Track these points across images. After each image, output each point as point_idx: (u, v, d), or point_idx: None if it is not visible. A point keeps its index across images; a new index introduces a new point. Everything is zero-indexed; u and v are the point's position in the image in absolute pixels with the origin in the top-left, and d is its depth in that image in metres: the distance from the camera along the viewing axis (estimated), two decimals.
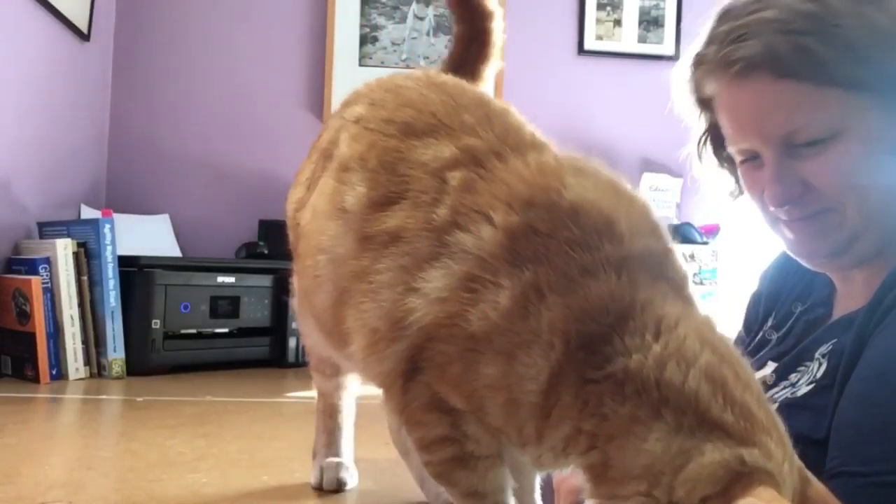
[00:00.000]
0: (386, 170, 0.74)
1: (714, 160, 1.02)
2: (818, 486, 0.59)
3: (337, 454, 1.03)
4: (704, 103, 0.96)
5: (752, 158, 0.90)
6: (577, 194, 0.64)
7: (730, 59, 0.86)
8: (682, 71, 0.96)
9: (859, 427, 0.76)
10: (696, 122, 1.01)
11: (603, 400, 0.58)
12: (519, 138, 0.73)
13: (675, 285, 0.63)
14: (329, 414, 1.03)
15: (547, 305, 0.60)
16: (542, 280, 0.60)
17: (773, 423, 0.57)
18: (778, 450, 0.55)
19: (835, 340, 0.88)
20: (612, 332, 0.59)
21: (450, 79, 0.84)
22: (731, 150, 0.93)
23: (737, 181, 0.99)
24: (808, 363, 0.91)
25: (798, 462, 0.58)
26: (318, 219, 0.81)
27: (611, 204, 0.65)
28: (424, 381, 0.67)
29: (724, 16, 0.89)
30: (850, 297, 0.94)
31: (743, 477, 0.52)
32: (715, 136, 0.99)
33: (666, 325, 0.59)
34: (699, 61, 0.92)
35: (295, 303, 1.02)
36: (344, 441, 1.04)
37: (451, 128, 0.74)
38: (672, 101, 1.01)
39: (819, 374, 0.88)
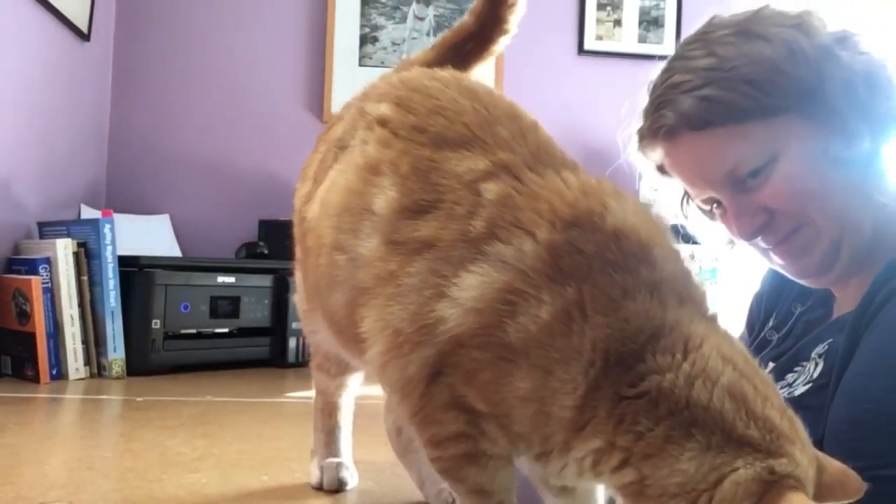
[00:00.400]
0: (418, 178, 0.73)
1: (701, 214, 1.06)
2: (832, 468, 0.61)
3: (336, 454, 1.02)
4: (662, 170, 1.03)
5: (718, 204, 0.96)
6: (618, 219, 0.66)
7: (654, 127, 0.97)
8: (632, 148, 1.05)
9: (852, 423, 0.77)
10: (668, 188, 1.07)
11: (638, 418, 0.60)
12: (552, 155, 0.75)
13: (699, 305, 0.66)
14: (328, 413, 1.03)
15: (590, 325, 0.61)
16: (586, 299, 0.62)
17: (794, 430, 0.60)
18: (803, 456, 0.58)
19: (830, 340, 0.89)
20: (646, 350, 0.61)
21: (479, 85, 0.83)
22: (697, 203, 1.00)
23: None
24: (804, 363, 0.92)
25: (813, 452, 0.60)
26: (334, 215, 0.79)
27: (646, 230, 0.67)
28: (447, 383, 0.67)
29: (650, 90, 1.04)
30: (848, 299, 0.95)
31: (774, 486, 0.55)
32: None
33: (693, 344, 0.62)
34: (640, 137, 1.03)
35: (298, 298, 1.02)
36: (343, 440, 1.03)
37: (484, 141, 0.74)
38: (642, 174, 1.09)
39: (815, 374, 0.89)
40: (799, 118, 0.90)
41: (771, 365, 0.99)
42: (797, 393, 0.90)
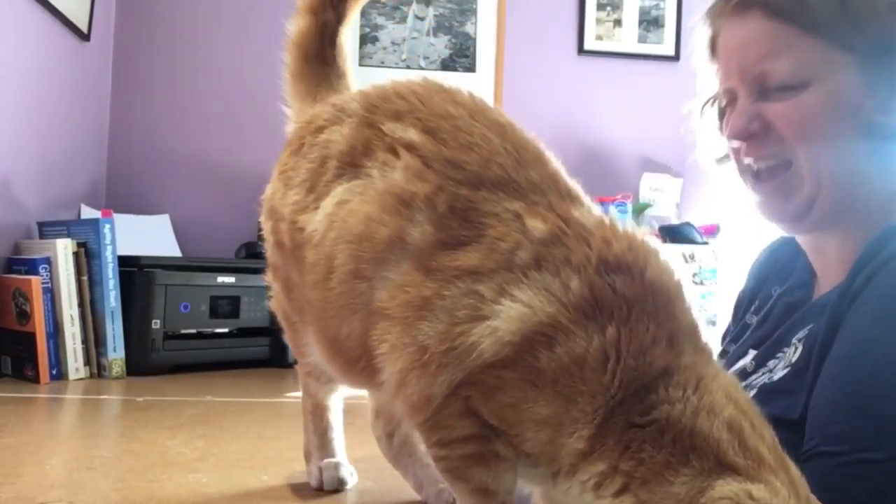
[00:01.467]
0: (456, 216, 0.74)
1: (715, 122, 1.04)
2: None
3: (332, 454, 1.02)
4: (713, 49, 1.00)
5: (733, 100, 0.94)
6: (655, 274, 0.70)
7: None
8: (698, 24, 1.00)
9: (835, 407, 0.77)
10: (710, 80, 1.03)
11: (643, 445, 0.63)
12: (581, 200, 0.77)
13: (709, 354, 0.71)
14: (319, 415, 1.03)
15: (623, 366, 0.65)
16: (623, 341, 0.66)
17: (783, 466, 0.63)
18: (784, 489, 0.61)
19: (811, 325, 0.89)
20: (659, 384, 0.65)
21: (502, 117, 0.82)
22: (720, 90, 0.97)
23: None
24: (785, 349, 0.92)
25: (807, 493, 0.63)
26: (353, 242, 0.77)
27: (673, 287, 0.71)
28: (463, 395, 0.68)
29: None
30: (826, 274, 0.95)
31: None
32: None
33: (703, 382, 0.66)
34: (710, 8, 0.97)
35: (278, 306, 1.00)
36: (337, 440, 1.03)
37: (518, 184, 0.75)
38: (692, 56, 1.04)
39: (794, 359, 0.89)
40: (858, 64, 0.87)
41: (752, 353, 0.99)
42: (776, 377, 0.90)
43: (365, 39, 2.81)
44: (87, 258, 1.95)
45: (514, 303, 0.66)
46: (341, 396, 1.03)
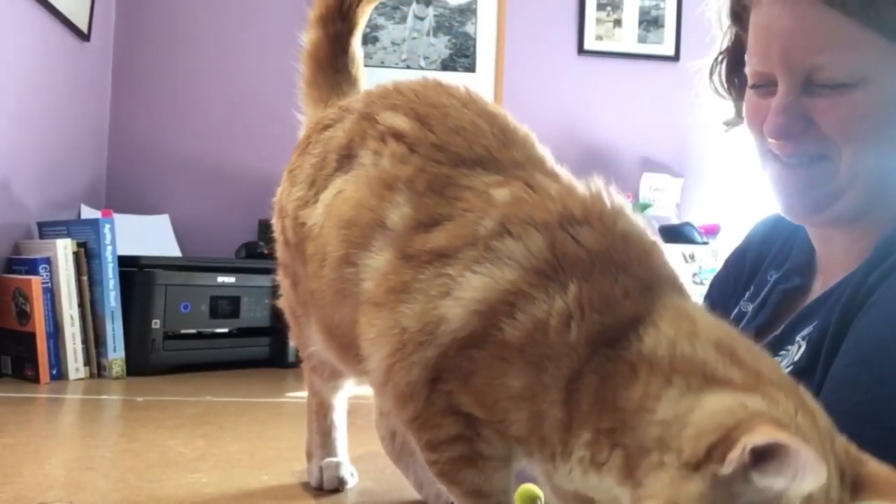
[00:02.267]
0: (434, 194, 0.74)
1: (723, 83, 0.99)
2: (879, 469, 0.58)
3: (334, 454, 1.02)
4: (738, 15, 0.93)
5: (765, 85, 0.88)
6: (628, 223, 0.68)
7: None
8: None
9: (844, 414, 0.76)
10: (721, 36, 0.97)
11: (617, 392, 0.60)
12: (564, 177, 0.76)
13: (695, 301, 0.68)
14: (323, 414, 1.03)
15: (587, 322, 0.62)
16: (585, 297, 0.63)
17: (787, 383, 0.59)
18: (789, 402, 0.56)
19: (816, 322, 0.87)
20: (630, 331, 0.62)
21: (494, 108, 0.83)
22: (748, 70, 0.90)
23: (737, 112, 0.97)
24: (789, 347, 0.90)
25: (843, 441, 0.59)
26: (344, 228, 0.78)
27: (648, 240, 0.69)
28: (445, 390, 0.68)
29: None
30: (830, 264, 0.92)
31: (743, 423, 0.53)
32: (734, 57, 0.96)
33: (685, 315, 0.63)
34: None
35: (285, 303, 1.01)
36: (339, 440, 1.03)
37: (501, 162, 0.75)
38: (706, 5, 0.98)
39: (798, 357, 0.87)
40: None
41: None
42: None
43: (365, 39, 2.80)
44: (87, 258, 1.95)
45: (475, 274, 0.66)
46: (346, 396, 1.03)
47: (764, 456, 0.51)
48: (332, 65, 1.02)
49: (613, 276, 0.64)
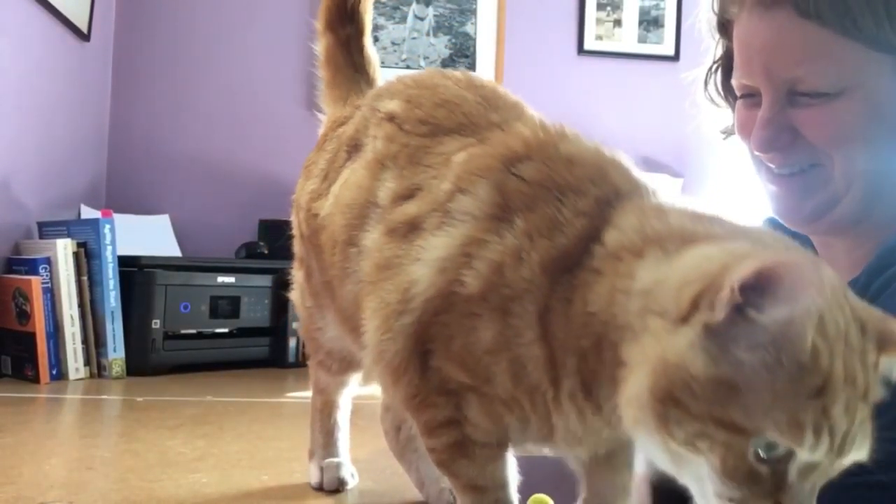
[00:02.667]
0: (413, 164, 0.75)
1: (719, 92, 0.99)
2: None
3: (335, 454, 1.02)
4: (724, 28, 0.94)
5: (751, 96, 0.88)
6: (573, 147, 0.68)
7: None
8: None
9: None
10: (714, 46, 0.98)
11: (587, 300, 0.58)
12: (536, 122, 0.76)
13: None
14: (327, 413, 1.02)
15: (539, 251, 0.61)
16: (532, 227, 0.62)
17: (785, 241, 0.59)
18: (780, 249, 0.55)
19: None
20: (590, 243, 0.60)
21: (489, 83, 0.84)
22: (734, 82, 0.91)
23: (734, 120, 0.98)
24: None
25: (863, 303, 0.56)
26: (346, 211, 0.80)
27: (603, 155, 0.68)
28: (436, 366, 0.67)
29: None
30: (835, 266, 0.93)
31: (729, 266, 0.50)
32: (727, 65, 0.97)
33: (649, 206, 0.62)
34: None
35: (296, 296, 1.01)
36: (342, 440, 1.03)
37: (477, 125, 0.75)
38: (698, 20, 0.99)
39: None
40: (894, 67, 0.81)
41: None
42: None
43: None
44: (87, 258, 1.95)
45: (436, 237, 0.66)
46: (350, 395, 1.03)
47: (756, 290, 0.48)
48: (349, 67, 1.03)
49: (559, 199, 0.63)
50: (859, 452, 0.53)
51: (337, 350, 0.95)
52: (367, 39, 1.04)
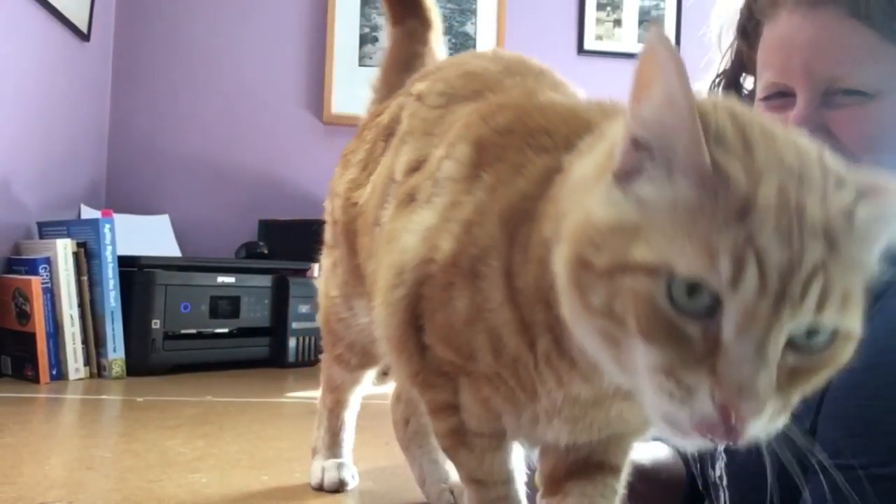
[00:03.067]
0: (426, 135, 0.74)
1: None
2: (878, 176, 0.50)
3: (339, 454, 1.02)
4: (746, 31, 0.93)
5: (780, 96, 0.88)
6: (547, 96, 0.67)
7: None
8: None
9: (849, 420, 0.76)
10: (719, 59, 0.98)
11: (542, 230, 0.54)
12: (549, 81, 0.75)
13: None
14: (336, 412, 1.01)
15: (498, 199, 0.58)
16: (497, 177, 0.60)
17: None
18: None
19: None
20: (554, 175, 0.56)
21: (517, 54, 0.83)
22: (761, 83, 0.90)
23: None
24: None
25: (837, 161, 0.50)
26: (376, 193, 0.79)
27: (585, 101, 0.67)
28: (429, 343, 0.66)
29: None
30: None
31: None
32: (731, 79, 0.97)
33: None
34: None
35: (323, 284, 0.99)
36: (346, 441, 1.03)
37: (492, 91, 0.73)
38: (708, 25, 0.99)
39: None
40: None
41: None
42: None
43: (365, 39, 2.81)
44: (87, 258, 1.95)
45: (424, 208, 0.65)
46: (361, 396, 1.02)
47: (636, 99, 0.46)
48: (414, 59, 1.00)
49: (525, 142, 0.60)
50: (830, 311, 0.44)
51: (360, 342, 0.93)
52: (434, 34, 1.01)
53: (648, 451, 1.13)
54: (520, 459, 0.71)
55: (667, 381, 0.45)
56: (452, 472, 0.94)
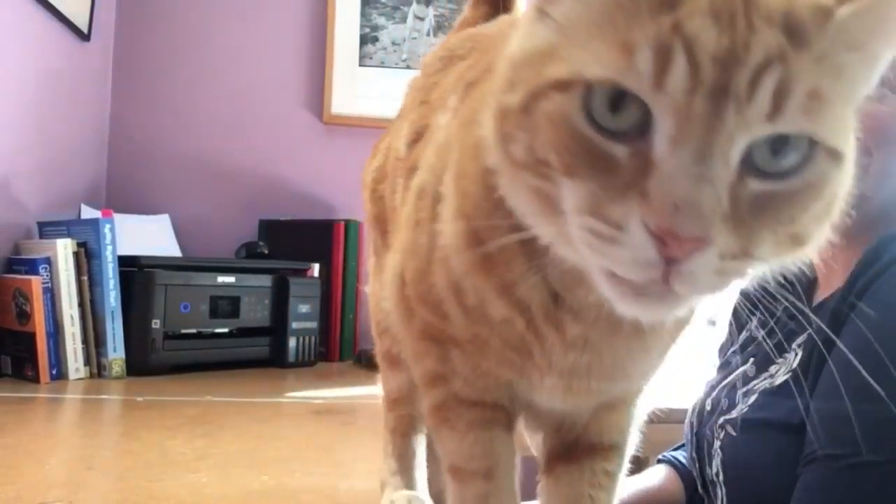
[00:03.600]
0: (421, 104, 0.71)
1: None
2: None
3: (411, 485, 0.88)
4: None
5: None
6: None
7: None
8: None
9: (836, 413, 0.77)
10: None
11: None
12: None
13: None
14: (402, 433, 0.89)
15: (468, 128, 0.53)
16: (469, 109, 0.55)
17: None
18: None
19: (810, 330, 0.89)
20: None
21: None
22: None
23: None
24: (786, 354, 0.92)
25: None
26: (388, 179, 0.77)
27: None
28: (413, 305, 0.62)
29: None
30: (829, 278, 0.94)
31: None
32: None
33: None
34: None
35: (370, 288, 0.93)
36: (419, 468, 0.89)
37: (487, 48, 0.69)
38: None
39: (795, 364, 0.89)
40: None
41: (752, 358, 0.99)
42: (777, 382, 0.91)
43: (365, 39, 2.81)
44: (87, 258, 1.95)
45: (419, 173, 0.62)
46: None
47: None
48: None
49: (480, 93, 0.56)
50: (792, 113, 0.36)
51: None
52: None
53: (641, 481, 1.14)
54: (513, 456, 0.65)
55: (594, 221, 0.38)
56: None
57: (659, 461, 1.25)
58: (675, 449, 1.25)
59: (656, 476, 1.19)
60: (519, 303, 0.52)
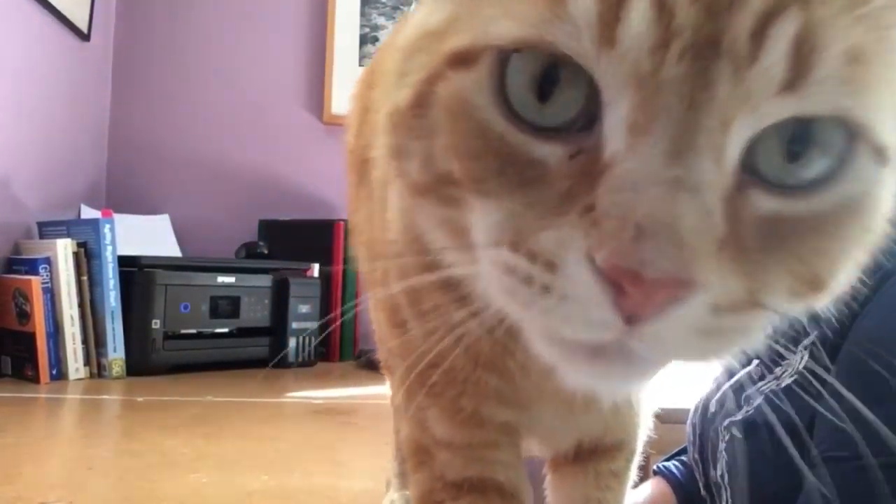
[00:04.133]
0: (370, 88, 0.67)
1: None
2: None
3: (407, 486, 0.86)
4: None
5: None
6: None
7: None
8: None
9: (846, 412, 0.76)
10: None
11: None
12: None
13: None
14: None
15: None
16: None
17: None
18: None
19: (816, 332, 0.89)
20: None
21: None
22: None
23: None
24: (792, 356, 0.93)
25: None
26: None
27: None
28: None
29: None
30: None
31: None
32: None
33: None
34: None
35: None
36: None
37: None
38: None
39: (801, 366, 0.89)
40: None
41: (756, 360, 0.99)
42: (783, 384, 0.91)
43: (365, 39, 2.81)
44: (87, 258, 1.95)
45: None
46: None
47: None
48: None
49: None
50: (823, 82, 0.23)
51: None
52: None
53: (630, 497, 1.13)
54: None
55: (513, 257, 0.26)
56: None
57: (654, 473, 1.25)
58: (668, 459, 1.24)
59: (644, 491, 1.19)
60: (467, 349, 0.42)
